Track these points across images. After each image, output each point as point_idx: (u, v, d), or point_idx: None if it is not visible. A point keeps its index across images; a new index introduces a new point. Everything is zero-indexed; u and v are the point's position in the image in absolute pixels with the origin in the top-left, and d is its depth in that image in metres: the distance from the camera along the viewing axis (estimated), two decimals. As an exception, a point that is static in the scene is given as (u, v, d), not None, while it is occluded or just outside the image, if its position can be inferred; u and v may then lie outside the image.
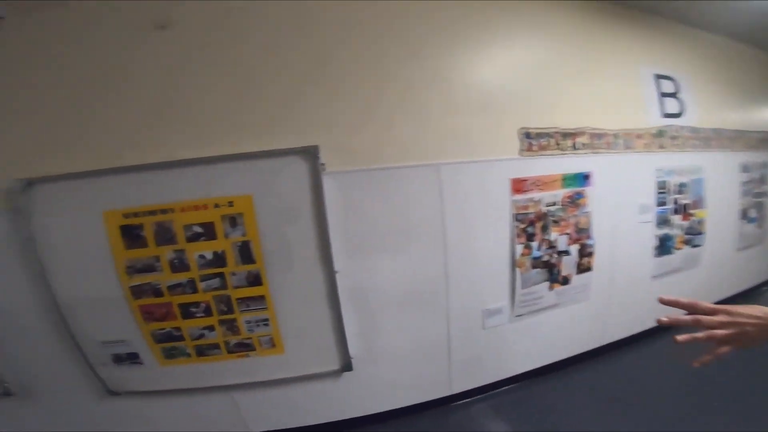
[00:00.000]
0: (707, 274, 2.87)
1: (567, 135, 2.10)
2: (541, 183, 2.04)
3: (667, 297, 0.67)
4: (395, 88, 1.71)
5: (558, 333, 2.35)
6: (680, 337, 0.65)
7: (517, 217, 2.02)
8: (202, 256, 1.57)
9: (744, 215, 3.05)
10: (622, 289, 2.49)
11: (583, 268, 2.31)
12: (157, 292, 1.60)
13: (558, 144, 2.08)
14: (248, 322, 1.70)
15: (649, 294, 2.55)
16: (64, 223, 1.51)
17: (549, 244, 2.13)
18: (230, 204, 1.53)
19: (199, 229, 1.54)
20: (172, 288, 1.60)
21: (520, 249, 2.06)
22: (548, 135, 2.04)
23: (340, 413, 2.01)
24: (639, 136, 2.37)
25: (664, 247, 2.62)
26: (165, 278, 1.58)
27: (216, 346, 1.73)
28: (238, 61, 1.55)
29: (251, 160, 1.52)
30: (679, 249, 2.69)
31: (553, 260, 2.17)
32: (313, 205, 1.60)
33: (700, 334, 0.66)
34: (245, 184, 1.54)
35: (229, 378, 1.81)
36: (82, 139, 1.49)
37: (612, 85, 2.26)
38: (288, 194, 1.58)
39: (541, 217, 2.08)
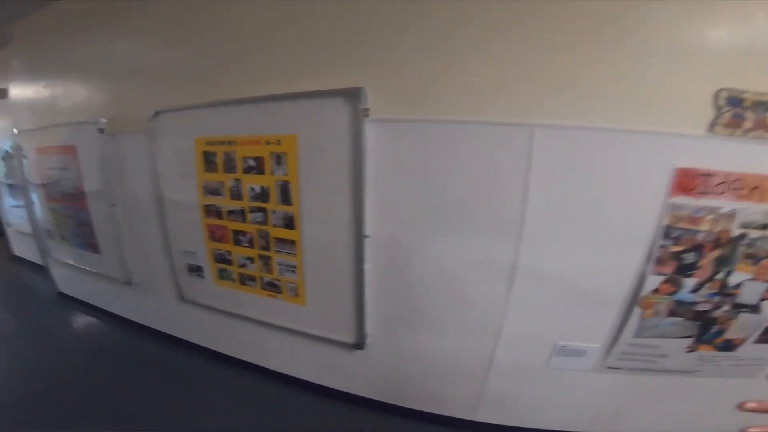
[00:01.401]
0: None
1: None
2: (747, 186, 1.17)
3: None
4: (475, 21, 1.26)
5: (669, 406, 1.58)
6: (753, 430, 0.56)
7: (670, 233, 1.26)
8: (252, 189, 1.67)
9: None
10: None
11: None
12: (219, 215, 1.80)
13: None
14: (280, 264, 1.74)
15: None
16: (173, 144, 1.85)
17: (722, 287, 1.31)
18: (278, 142, 1.56)
19: (252, 163, 1.64)
20: (229, 213, 1.77)
21: (655, 282, 1.32)
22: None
23: (344, 385, 1.93)
24: None
25: None
26: (226, 203, 1.76)
27: (253, 279, 1.85)
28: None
29: (299, 100, 1.48)
30: None
31: (718, 313, 1.37)
32: (350, 156, 1.45)
33: None
34: (292, 124, 1.52)
35: (260, 314, 1.91)
36: (186, 78, 1.77)
37: None
38: (328, 140, 1.48)
39: (725, 242, 1.25)
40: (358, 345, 1.72)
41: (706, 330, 1.40)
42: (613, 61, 1.16)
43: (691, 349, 1.45)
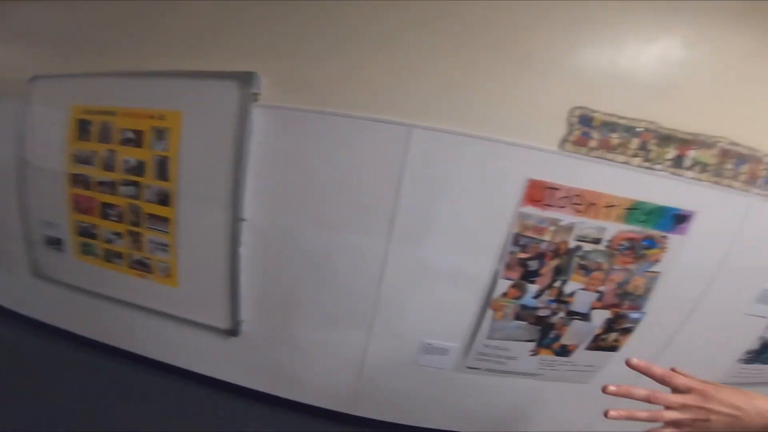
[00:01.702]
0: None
1: (670, 140, 1.26)
2: (585, 202, 1.31)
3: (636, 361, 0.66)
4: (371, 22, 1.31)
5: (519, 405, 1.76)
6: (612, 412, 0.66)
7: (519, 241, 1.38)
8: (127, 161, 1.56)
9: None
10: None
11: (603, 345, 1.60)
12: (87, 185, 1.65)
13: (645, 150, 1.26)
14: (151, 241, 1.63)
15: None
16: (46, 109, 1.66)
17: (558, 295, 1.47)
18: (162, 117, 1.47)
19: (131, 135, 1.52)
20: (99, 185, 1.63)
21: (504, 286, 1.45)
22: (629, 130, 1.25)
23: (219, 373, 1.86)
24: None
25: (765, 354, 1.66)
26: (96, 173, 1.62)
27: (120, 256, 1.71)
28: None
29: (189, 78, 1.43)
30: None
31: (555, 319, 1.54)
32: (235, 138, 1.41)
33: (642, 413, 0.64)
34: (179, 101, 1.45)
35: (128, 294, 1.78)
36: (72, 45, 1.61)
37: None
38: (214, 120, 1.42)
39: (563, 253, 1.40)
40: (233, 331, 1.67)
41: (546, 335, 1.57)
42: (485, 69, 1.27)
43: (534, 353, 1.62)
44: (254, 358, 1.75)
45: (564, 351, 1.62)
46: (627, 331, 1.57)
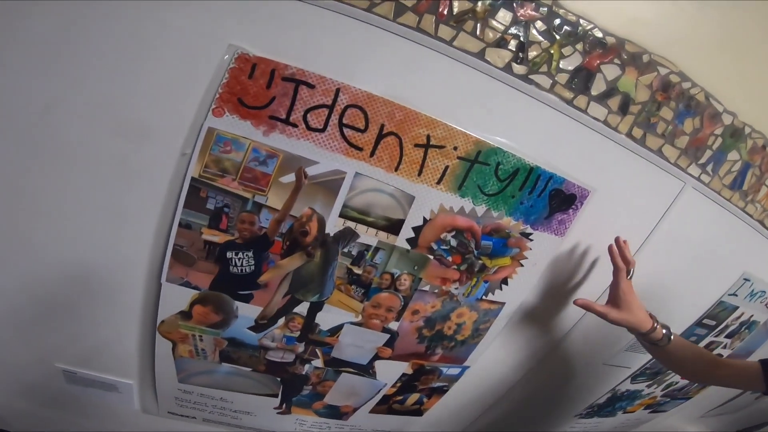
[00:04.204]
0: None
1: (578, 37, 0.53)
2: (373, 128, 0.53)
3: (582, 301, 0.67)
4: None
5: None
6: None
7: (204, 200, 0.55)
8: None
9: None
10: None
11: (399, 409, 0.94)
12: None
13: (522, 41, 0.52)
14: None
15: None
16: None
17: (306, 329, 0.70)
18: None
19: None
20: None
21: (183, 298, 0.63)
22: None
23: None
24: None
25: (609, 407, 1.19)
26: None
27: None
28: None
29: None
30: (631, 412, 1.27)
31: (306, 369, 0.78)
32: None
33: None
34: None
35: None
36: None
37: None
38: None
39: (312, 243, 0.60)
40: None
41: (294, 390, 0.84)
42: None
43: (283, 412, 0.90)
44: None
45: (334, 413, 0.93)
46: (437, 392, 0.91)
